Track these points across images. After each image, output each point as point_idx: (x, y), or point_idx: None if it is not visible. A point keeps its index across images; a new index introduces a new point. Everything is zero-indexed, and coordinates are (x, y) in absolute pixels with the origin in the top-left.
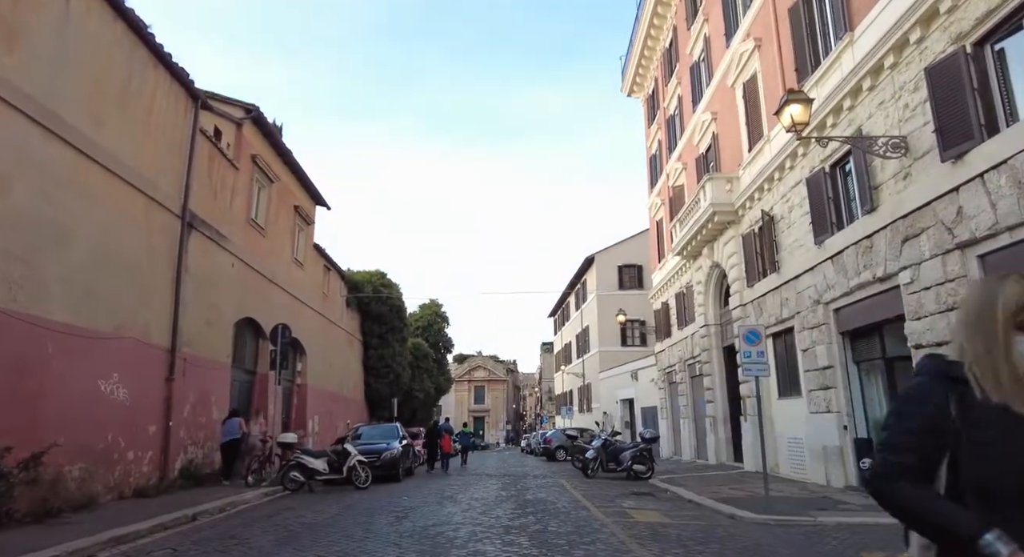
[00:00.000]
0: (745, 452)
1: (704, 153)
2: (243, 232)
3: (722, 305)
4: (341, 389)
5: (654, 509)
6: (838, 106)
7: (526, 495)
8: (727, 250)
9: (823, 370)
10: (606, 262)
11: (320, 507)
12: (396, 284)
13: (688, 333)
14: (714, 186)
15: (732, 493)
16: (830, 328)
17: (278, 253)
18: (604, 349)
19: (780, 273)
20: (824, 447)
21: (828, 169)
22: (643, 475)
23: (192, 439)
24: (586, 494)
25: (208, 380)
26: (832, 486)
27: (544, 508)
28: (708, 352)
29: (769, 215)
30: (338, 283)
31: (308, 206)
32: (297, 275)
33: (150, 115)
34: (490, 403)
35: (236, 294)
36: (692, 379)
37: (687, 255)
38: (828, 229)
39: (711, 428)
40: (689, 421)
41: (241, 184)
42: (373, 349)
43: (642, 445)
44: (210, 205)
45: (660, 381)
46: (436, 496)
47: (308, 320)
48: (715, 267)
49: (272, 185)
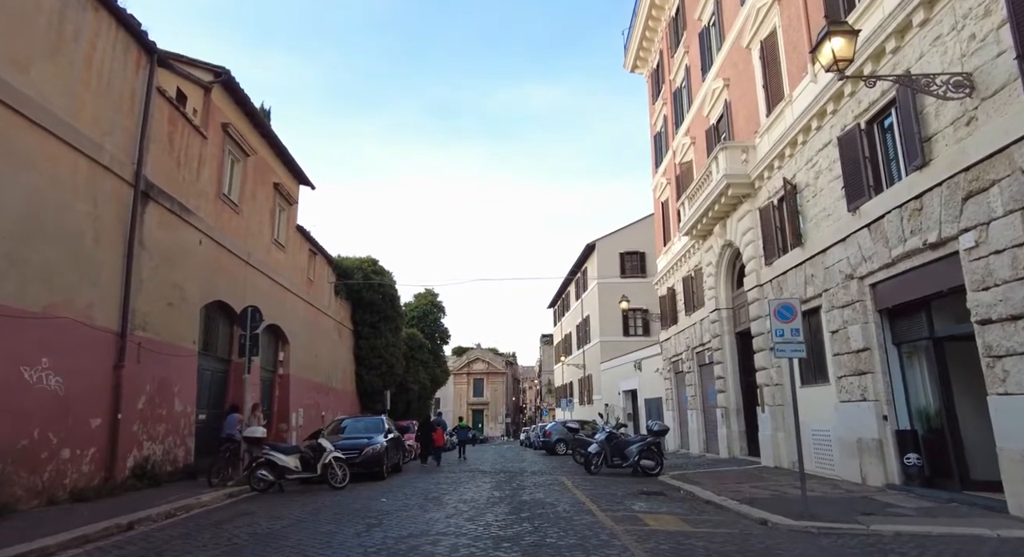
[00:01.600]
0: (762, 445)
1: (715, 124)
2: (213, 208)
3: (735, 287)
4: (329, 380)
5: (670, 513)
6: (879, 49)
7: (522, 496)
8: (741, 226)
9: (857, 353)
10: (607, 249)
11: (282, 512)
12: (389, 272)
13: (697, 319)
14: (728, 156)
15: (756, 492)
16: (865, 306)
17: (255, 233)
18: (606, 339)
19: (804, 247)
20: (859, 440)
21: (864, 125)
22: (651, 471)
23: (149, 434)
24: (590, 494)
25: (170, 368)
26: (869, 484)
27: (542, 512)
28: (719, 338)
29: (791, 184)
30: (325, 269)
31: (290, 185)
32: (278, 258)
33: (90, 65)
34: (489, 396)
35: (205, 275)
36: (701, 368)
37: (696, 235)
38: (864, 193)
39: (723, 420)
40: (697, 412)
41: (210, 155)
42: (365, 339)
43: (650, 439)
44: (172, 175)
45: (665, 371)
46: (420, 497)
47: (291, 307)
48: (727, 246)
49: (247, 159)
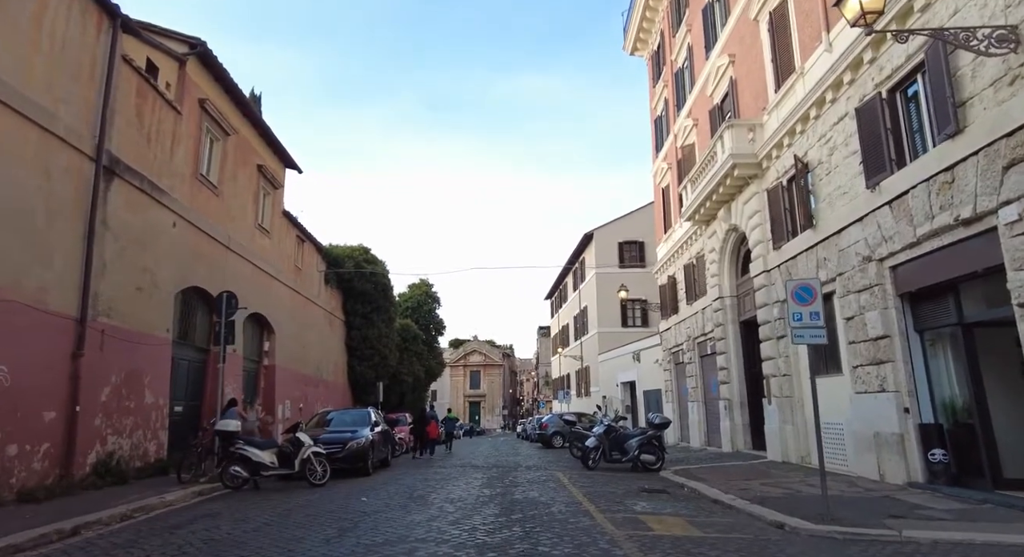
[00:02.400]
0: (768, 439)
1: (719, 103)
2: (189, 188)
3: (739, 274)
4: (319, 372)
5: (674, 514)
6: (907, 7)
7: (514, 494)
8: (748, 209)
9: (875, 341)
10: (606, 239)
11: (250, 513)
12: (382, 261)
13: (698, 308)
14: (734, 135)
15: (766, 490)
16: (885, 290)
17: (237, 217)
18: (603, 330)
19: (816, 229)
20: (876, 434)
21: (886, 94)
22: (652, 467)
23: (115, 427)
24: (587, 492)
25: (139, 357)
26: (888, 482)
27: (535, 514)
28: (723, 328)
29: (803, 162)
30: (315, 257)
31: (275, 167)
32: (263, 244)
33: (39, 24)
34: (486, 388)
35: (180, 259)
36: (702, 358)
37: (699, 220)
38: (885, 168)
39: (725, 412)
40: (698, 404)
41: (185, 132)
42: (356, 329)
43: (651, 432)
44: (142, 151)
45: (665, 362)
46: (403, 496)
47: (277, 295)
48: (732, 231)
49: (228, 138)
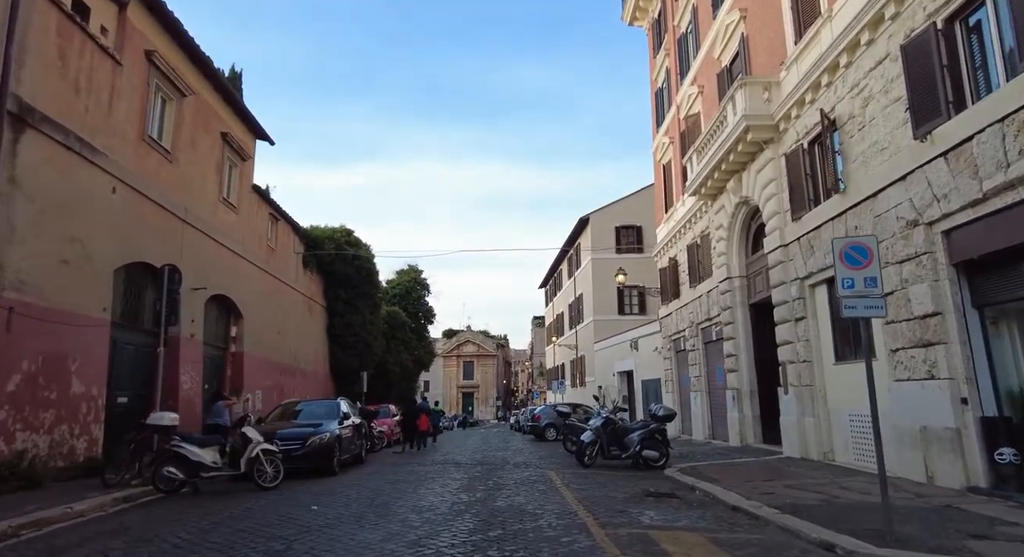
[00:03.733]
0: (785, 433)
1: (728, 65)
2: (134, 151)
3: (749, 252)
4: (296, 360)
5: (691, 529)
6: None
7: (496, 500)
8: (761, 178)
9: (922, 320)
10: (602, 223)
11: (166, 528)
12: (366, 244)
13: (703, 291)
14: (747, 94)
15: (795, 495)
16: (935, 259)
17: (197, 188)
18: (599, 318)
19: (845, 194)
20: (923, 429)
21: (942, 25)
22: (655, 463)
23: (27, 422)
24: (583, 497)
25: (64, 340)
26: (940, 485)
27: (519, 529)
28: (731, 311)
29: (829, 118)
30: (291, 238)
31: (243, 137)
32: (228, 219)
33: None
34: (479, 379)
35: (122, 230)
36: (706, 345)
37: (705, 194)
38: (941, 112)
39: (733, 403)
40: (702, 394)
41: (128, 86)
42: (339, 316)
43: (653, 425)
44: (68, 103)
45: (665, 350)
46: (363, 503)
47: (245, 276)
48: (742, 205)
49: (184, 99)
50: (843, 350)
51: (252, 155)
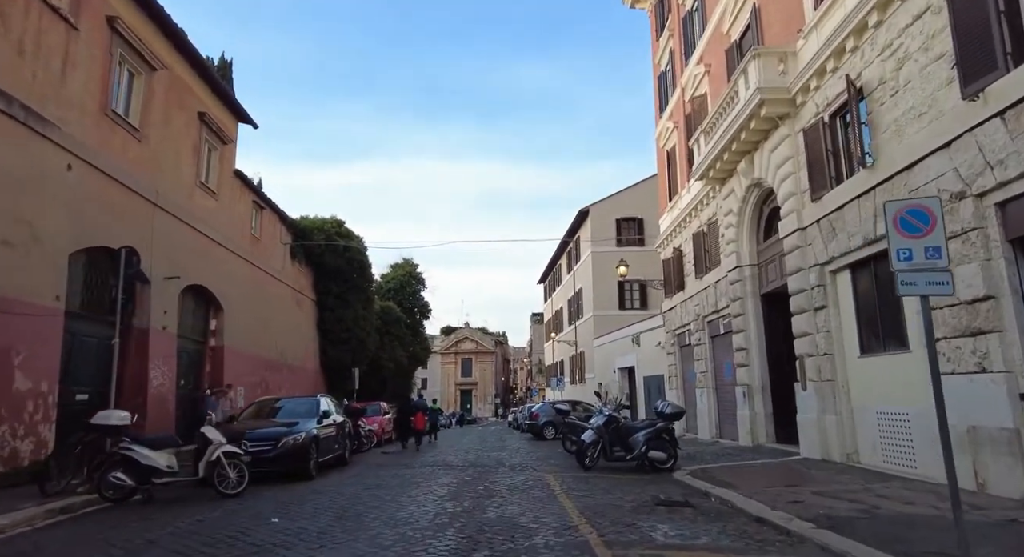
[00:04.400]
0: (802, 431)
1: (738, 40)
2: (95, 126)
3: (761, 239)
4: (283, 356)
5: (713, 548)
6: None
7: (486, 510)
8: (776, 157)
9: (970, 305)
10: (602, 215)
11: (81, 552)
12: (358, 236)
13: (710, 282)
14: (761, 65)
15: (825, 503)
16: (987, 235)
17: (170, 169)
18: (599, 313)
19: (874, 169)
20: (971, 429)
21: None
22: (663, 465)
23: None
24: (585, 506)
25: (8, 331)
26: (993, 494)
27: (509, 550)
28: (741, 302)
29: (855, 85)
30: (277, 228)
31: (224, 119)
32: (206, 205)
33: None
34: (478, 376)
35: (79, 211)
36: (713, 339)
37: (714, 177)
38: (997, 65)
39: (744, 399)
40: (708, 391)
41: (86, 55)
42: (330, 310)
43: (660, 424)
44: (9, 64)
45: (669, 344)
46: (332, 515)
47: (226, 266)
48: (754, 187)
49: (154, 74)
50: (870, 341)
51: (234, 138)
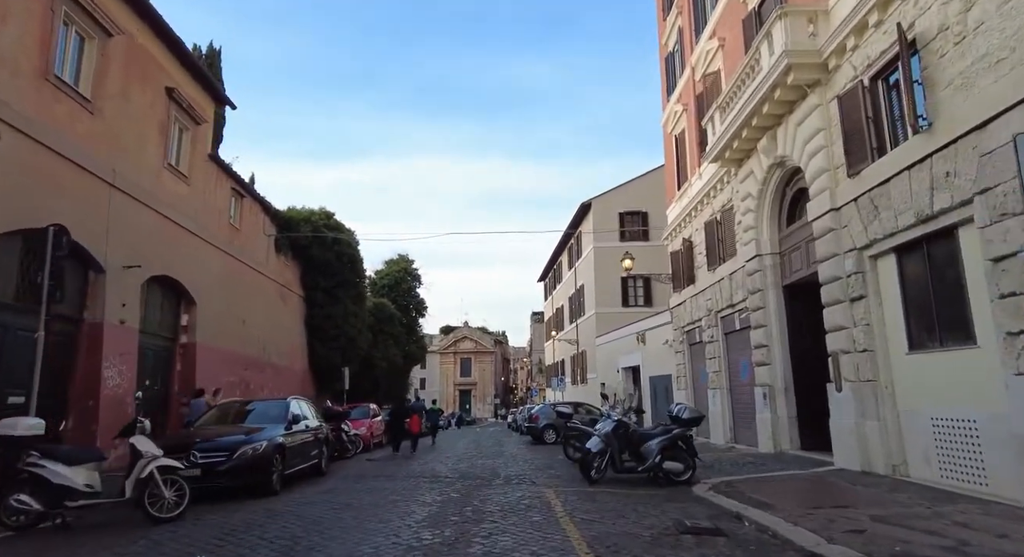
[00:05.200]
0: (837, 439)
1: (757, 7)
2: (34, 91)
3: (784, 225)
4: (265, 353)
5: None
6: None
7: (472, 541)
8: (804, 131)
9: None
10: (605, 209)
11: None
12: (350, 230)
13: (724, 274)
14: (789, 26)
15: (894, 534)
16: None
17: (131, 148)
18: (602, 310)
19: (931, 132)
20: None
21: None
22: (679, 478)
23: None
24: (595, 535)
25: None
26: None
27: None
28: (760, 294)
29: (907, 38)
30: (260, 218)
31: (197, 98)
32: (176, 190)
33: None
34: (477, 376)
35: (9, 187)
36: (728, 336)
37: (730, 158)
38: None
39: (765, 401)
40: (722, 392)
41: (18, 7)
42: (319, 307)
43: (676, 430)
44: None
45: (677, 343)
46: (278, 550)
47: (199, 256)
48: (776, 167)
49: (110, 40)
50: (920, 336)
51: (208, 119)
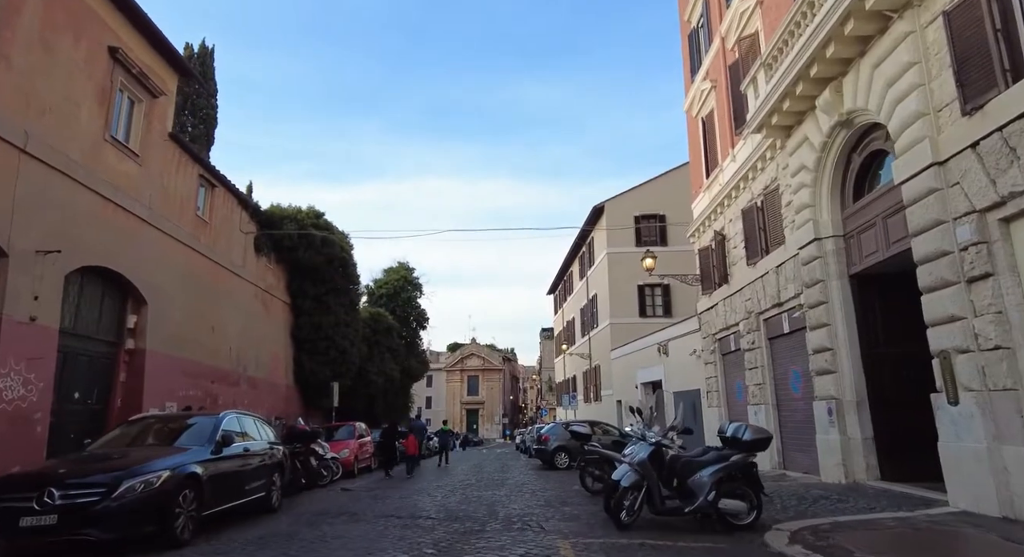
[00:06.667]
0: (953, 469)
1: None
2: None
3: (850, 200)
4: (238, 365)
5: None
6: None
7: None
8: (887, 71)
9: None
10: (619, 212)
11: None
12: (342, 232)
13: (769, 267)
14: None
15: None
16: None
17: (58, 113)
18: (617, 321)
19: None
20: None
21: None
22: (741, 520)
23: None
24: None
25: None
26: None
27: None
28: (821, 287)
29: None
30: (236, 213)
31: (153, 64)
32: (122, 169)
33: None
34: (485, 394)
35: None
36: (772, 341)
37: (778, 124)
38: None
39: (831, 420)
40: (767, 409)
41: None
42: (306, 315)
43: (735, 456)
44: None
45: (707, 353)
46: None
47: (152, 248)
48: (841, 127)
49: None
50: None
51: (169, 92)
